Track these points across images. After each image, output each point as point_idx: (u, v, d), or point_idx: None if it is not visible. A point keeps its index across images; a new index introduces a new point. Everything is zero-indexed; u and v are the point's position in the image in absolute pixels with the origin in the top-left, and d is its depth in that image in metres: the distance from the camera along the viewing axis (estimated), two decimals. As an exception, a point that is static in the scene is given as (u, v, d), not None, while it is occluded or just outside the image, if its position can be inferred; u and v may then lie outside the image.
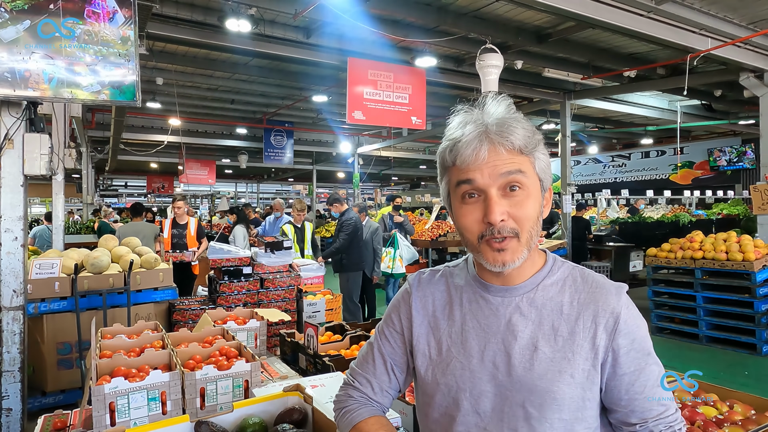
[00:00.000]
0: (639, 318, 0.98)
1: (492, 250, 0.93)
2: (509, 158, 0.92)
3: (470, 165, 0.93)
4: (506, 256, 0.92)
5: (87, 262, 4.18)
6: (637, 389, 0.95)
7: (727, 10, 5.61)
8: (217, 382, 1.90)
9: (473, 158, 0.92)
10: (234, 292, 4.25)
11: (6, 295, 3.18)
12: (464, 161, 0.93)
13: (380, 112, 6.91)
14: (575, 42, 7.03)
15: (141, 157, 15.72)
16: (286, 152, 13.42)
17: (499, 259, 0.92)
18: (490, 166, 0.92)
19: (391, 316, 1.14)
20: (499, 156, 0.92)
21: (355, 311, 5.96)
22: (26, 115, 3.14)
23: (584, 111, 11.44)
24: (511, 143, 0.92)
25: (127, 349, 2.23)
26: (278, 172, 23.85)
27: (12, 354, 3.19)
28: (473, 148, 0.92)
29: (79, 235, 9.80)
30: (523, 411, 0.94)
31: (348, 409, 1.12)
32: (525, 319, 0.97)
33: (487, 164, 0.92)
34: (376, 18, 5.77)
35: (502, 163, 0.92)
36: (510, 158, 0.92)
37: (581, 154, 17.65)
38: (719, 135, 14.59)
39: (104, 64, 2.99)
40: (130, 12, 2.99)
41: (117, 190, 28.16)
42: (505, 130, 0.92)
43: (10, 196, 3.18)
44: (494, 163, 0.92)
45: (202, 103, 11.42)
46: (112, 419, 1.72)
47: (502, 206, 0.91)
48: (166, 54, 7.62)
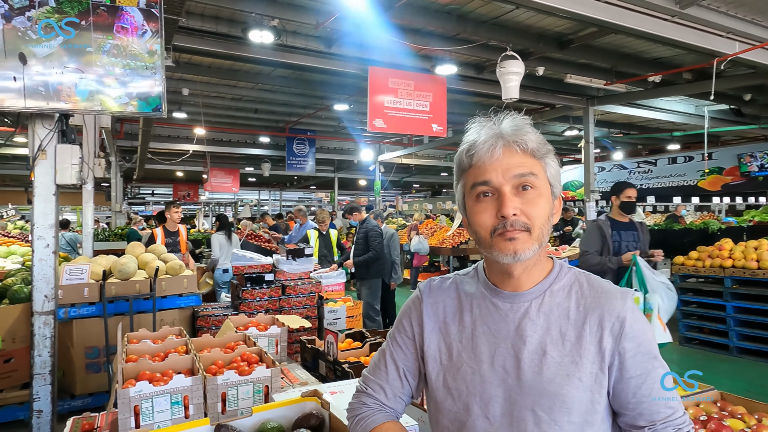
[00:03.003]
0: (644, 322, 1.00)
1: (504, 239, 0.96)
2: (522, 160, 0.98)
3: (486, 164, 0.98)
4: (517, 245, 0.95)
5: (115, 269, 4.30)
6: (645, 392, 0.96)
7: (755, 12, 5.48)
8: (238, 387, 1.93)
9: (488, 156, 0.97)
10: (256, 298, 4.31)
11: (38, 300, 3.29)
12: (480, 159, 0.98)
13: (401, 120, 6.94)
14: (598, 48, 6.96)
15: (167, 166, 16.08)
16: (308, 160, 13.57)
17: (511, 247, 0.96)
18: (504, 167, 0.97)
19: (402, 323, 1.16)
20: (513, 156, 0.98)
21: (377, 319, 5.97)
22: (58, 127, 3.26)
23: (608, 117, 11.28)
24: (525, 144, 0.98)
25: (152, 353, 2.28)
26: (300, 180, 24.09)
27: (43, 357, 3.29)
28: (489, 145, 0.98)
29: (108, 241, 10.06)
30: (533, 415, 0.96)
31: (362, 416, 1.13)
32: (534, 324, 1.00)
33: (501, 164, 0.97)
34: (397, 27, 5.82)
35: (516, 164, 0.97)
36: (523, 160, 0.98)
37: (606, 160, 17.37)
38: (750, 140, 14.18)
39: (132, 77, 3.09)
40: (156, 26, 3.09)
41: (144, 198, 28.83)
42: (519, 131, 0.99)
43: (42, 205, 3.29)
44: (508, 164, 0.97)
45: (227, 113, 11.64)
46: (137, 422, 1.76)
47: (514, 202, 0.96)
48: (192, 65, 7.81)
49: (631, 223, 4.14)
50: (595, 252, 4.03)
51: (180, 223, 6.56)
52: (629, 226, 4.12)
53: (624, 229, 4.09)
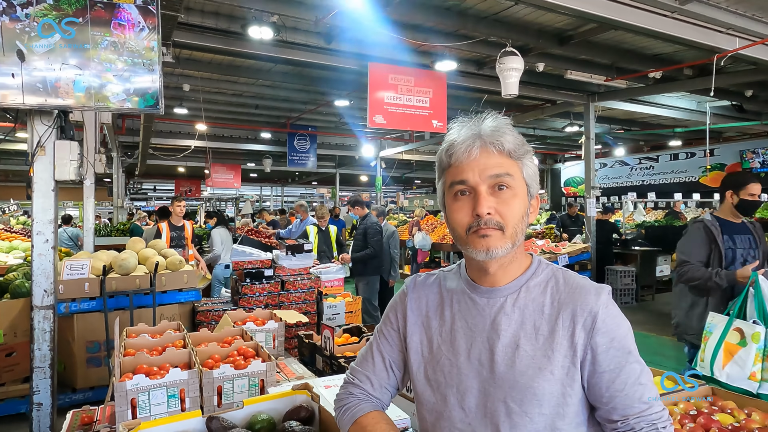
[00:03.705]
0: (619, 317, 1.01)
1: (478, 236, 1.00)
2: (499, 161, 1.00)
3: (463, 163, 1.01)
4: (490, 242, 0.98)
5: (115, 264, 4.33)
6: (618, 386, 0.98)
7: (755, 9, 5.46)
8: (234, 381, 1.96)
9: (466, 156, 1.00)
10: (255, 293, 4.34)
11: (37, 295, 3.32)
12: (458, 159, 1.01)
13: (401, 116, 6.94)
14: (598, 44, 6.94)
15: (169, 162, 16.14)
16: (309, 156, 13.58)
17: (484, 244, 0.98)
18: (481, 167, 1.00)
19: (389, 316, 1.20)
20: (490, 157, 1.00)
21: (375, 315, 5.99)
22: (57, 123, 3.28)
23: (609, 113, 11.25)
24: (501, 145, 1.00)
25: (150, 347, 2.31)
26: (302, 176, 24.12)
27: (43, 351, 3.32)
28: (467, 146, 1.00)
29: (110, 237, 10.10)
30: (505, 406, 0.98)
31: (348, 406, 1.17)
32: (508, 318, 1.02)
33: (478, 164, 1.00)
34: (396, 23, 5.82)
35: (492, 165, 1.00)
36: (499, 161, 1.00)
37: (608, 156, 17.34)
38: (752, 136, 14.14)
39: (130, 73, 3.11)
40: (154, 22, 3.11)
41: (146, 194, 28.90)
42: (496, 132, 1.01)
43: (41, 201, 3.32)
44: (485, 165, 1.00)
45: (228, 109, 11.66)
46: (134, 415, 1.79)
47: (489, 201, 0.99)
48: (192, 61, 7.82)
49: (744, 225, 3.21)
50: (699, 263, 3.17)
51: (183, 218, 6.60)
52: (743, 229, 3.19)
53: (737, 233, 3.16)
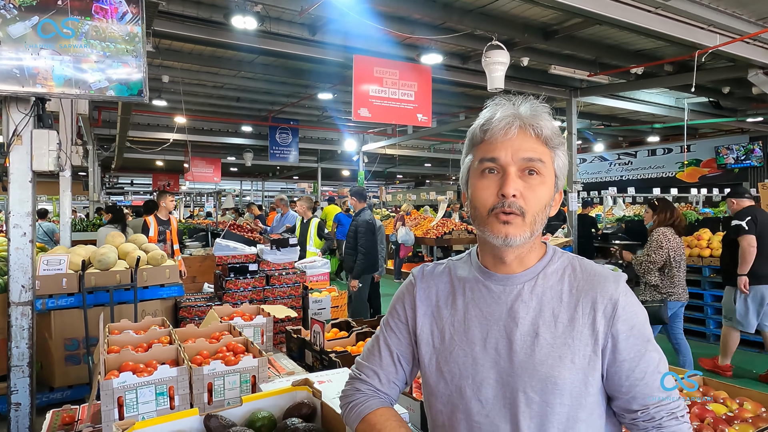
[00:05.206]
0: (638, 305, 1.00)
1: (499, 221, 0.96)
2: (534, 145, 0.98)
3: (498, 141, 0.98)
4: (510, 229, 0.95)
5: (94, 259, 4.20)
6: (638, 375, 0.96)
7: (735, 6, 5.55)
8: (225, 378, 1.90)
9: (502, 134, 0.97)
10: (240, 288, 4.27)
11: (15, 291, 3.20)
12: (493, 135, 0.98)
13: (386, 109, 6.90)
14: (582, 39, 6.99)
15: (147, 155, 15.76)
16: (291, 150, 13.44)
17: (503, 231, 0.96)
18: (515, 147, 0.97)
19: (396, 308, 1.16)
20: (526, 139, 0.97)
21: (364, 312, 5.89)
22: (34, 111, 3.15)
23: (590, 108, 11.38)
24: (540, 129, 0.98)
25: (135, 344, 2.23)
26: (283, 170, 23.89)
27: (21, 349, 3.20)
28: (505, 123, 0.97)
29: (86, 232, 9.85)
30: (525, 397, 0.95)
31: (356, 402, 1.12)
32: (526, 306, 0.99)
33: (512, 144, 0.97)
34: (382, 15, 5.76)
35: (527, 148, 0.97)
36: (534, 146, 0.98)
37: (587, 151, 17.56)
38: (726, 132, 14.48)
39: (111, 61, 3.00)
40: (137, 9, 3.00)
41: (123, 188, 28.29)
42: (536, 116, 0.99)
43: (18, 192, 3.19)
44: (519, 146, 0.97)
45: (208, 101, 11.45)
46: (121, 414, 1.73)
47: (517, 184, 0.96)
48: (172, 51, 7.63)
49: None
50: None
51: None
52: None
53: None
